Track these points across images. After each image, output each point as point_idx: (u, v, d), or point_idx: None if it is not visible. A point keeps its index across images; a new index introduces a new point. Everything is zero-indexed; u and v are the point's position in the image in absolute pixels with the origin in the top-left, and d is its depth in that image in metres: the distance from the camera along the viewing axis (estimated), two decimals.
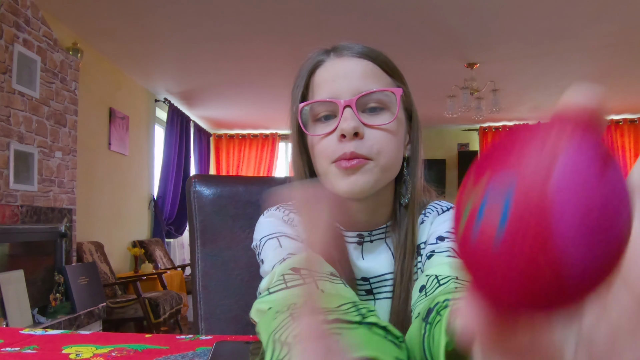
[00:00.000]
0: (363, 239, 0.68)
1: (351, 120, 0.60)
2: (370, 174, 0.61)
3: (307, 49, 0.71)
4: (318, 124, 0.65)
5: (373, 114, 0.63)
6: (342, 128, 0.60)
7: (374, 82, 0.63)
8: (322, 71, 0.65)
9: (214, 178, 0.97)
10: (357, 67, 0.64)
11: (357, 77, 0.63)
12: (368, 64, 0.64)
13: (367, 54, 0.65)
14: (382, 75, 0.65)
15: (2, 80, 2.53)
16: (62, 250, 3.11)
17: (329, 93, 0.63)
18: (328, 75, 0.64)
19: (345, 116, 0.61)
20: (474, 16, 3.38)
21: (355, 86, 0.62)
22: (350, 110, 0.61)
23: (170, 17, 3.40)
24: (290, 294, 0.47)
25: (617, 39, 3.69)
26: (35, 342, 0.51)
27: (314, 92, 0.66)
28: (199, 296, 0.89)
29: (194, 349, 0.49)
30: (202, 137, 6.56)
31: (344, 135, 0.60)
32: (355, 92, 0.62)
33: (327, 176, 0.64)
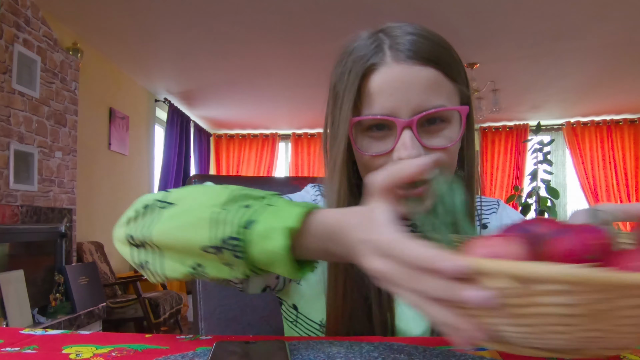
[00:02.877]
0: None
1: (411, 149, 0.54)
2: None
3: (307, 49, 0.70)
4: (367, 135, 0.58)
5: (433, 130, 0.56)
6: (400, 157, 0.54)
7: (437, 94, 0.55)
8: (377, 79, 0.56)
9: (214, 178, 0.97)
10: (418, 79, 0.55)
11: (418, 91, 0.55)
12: (431, 72, 0.55)
13: (431, 58, 0.55)
14: (445, 84, 0.56)
15: (2, 80, 2.53)
16: (62, 250, 3.11)
17: (386, 108, 0.55)
18: (384, 85, 0.55)
19: (404, 141, 0.54)
20: (474, 16, 3.38)
21: (416, 102, 0.54)
22: (409, 133, 0.54)
23: (170, 17, 3.40)
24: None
25: (617, 39, 3.69)
26: (35, 342, 0.51)
27: (367, 101, 0.57)
28: (199, 296, 0.89)
29: (194, 349, 0.49)
30: (202, 137, 6.56)
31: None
32: (416, 109, 0.54)
33: None
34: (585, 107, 5.84)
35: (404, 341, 0.51)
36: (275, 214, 0.43)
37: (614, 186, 6.22)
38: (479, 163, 0.66)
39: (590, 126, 6.35)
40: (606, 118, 6.24)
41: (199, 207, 0.47)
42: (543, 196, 6.00)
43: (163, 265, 0.49)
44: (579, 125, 6.37)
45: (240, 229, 0.43)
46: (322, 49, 3.74)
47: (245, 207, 0.45)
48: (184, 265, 0.48)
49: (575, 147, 6.37)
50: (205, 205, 0.47)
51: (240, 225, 0.43)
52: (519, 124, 6.60)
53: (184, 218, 0.48)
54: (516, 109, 5.91)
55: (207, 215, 0.45)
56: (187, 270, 0.48)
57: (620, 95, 5.34)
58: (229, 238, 0.43)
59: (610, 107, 5.85)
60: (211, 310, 0.88)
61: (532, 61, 4.20)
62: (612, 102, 5.63)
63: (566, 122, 6.41)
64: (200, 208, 0.47)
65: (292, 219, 0.42)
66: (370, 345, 0.49)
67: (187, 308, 4.47)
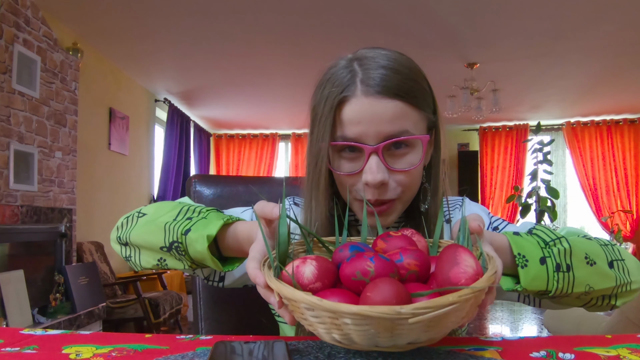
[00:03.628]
0: None
1: (377, 173, 0.61)
2: (395, 213, 0.66)
3: (307, 49, 0.70)
4: (342, 156, 0.65)
5: (398, 154, 0.63)
6: (367, 180, 0.62)
7: (402, 122, 0.62)
8: (348, 109, 0.62)
9: (214, 178, 0.97)
10: (385, 110, 0.61)
11: (384, 121, 0.61)
12: (397, 104, 0.61)
13: (399, 92, 0.62)
14: (410, 113, 0.63)
15: (2, 80, 2.53)
16: (62, 250, 3.11)
17: (355, 134, 0.62)
18: (354, 115, 0.62)
19: (371, 166, 0.61)
20: (474, 16, 3.38)
21: (382, 130, 0.61)
22: (376, 159, 0.61)
23: (170, 17, 3.40)
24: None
25: (617, 39, 3.69)
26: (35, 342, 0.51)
27: (340, 127, 0.64)
28: (199, 296, 0.89)
29: (194, 349, 0.49)
30: (202, 137, 6.56)
31: (368, 185, 0.62)
32: (382, 136, 0.61)
33: (352, 206, 0.68)
34: (585, 107, 5.84)
35: None
36: (204, 225, 0.59)
37: (614, 186, 6.22)
38: (446, 173, 0.71)
39: (590, 126, 6.35)
40: (606, 118, 6.24)
41: (159, 219, 0.64)
42: (543, 196, 6.00)
43: (139, 259, 0.67)
44: (579, 125, 6.37)
45: (180, 236, 0.60)
46: (322, 49, 3.74)
47: (187, 219, 0.62)
48: (153, 259, 0.65)
49: (575, 147, 6.37)
50: (163, 217, 0.64)
51: (180, 233, 0.60)
52: (519, 124, 6.60)
53: (149, 226, 0.65)
54: (516, 109, 5.91)
55: (163, 225, 0.62)
56: (155, 262, 0.65)
57: (620, 95, 5.34)
58: (173, 242, 0.61)
59: (610, 107, 5.85)
60: (211, 310, 0.88)
61: (532, 61, 4.20)
62: (612, 102, 5.63)
63: (566, 122, 6.41)
64: (160, 219, 0.64)
65: (213, 229, 0.57)
66: None
67: (187, 308, 4.47)
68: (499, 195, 6.63)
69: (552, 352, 0.46)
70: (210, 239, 0.57)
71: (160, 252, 0.63)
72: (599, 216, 6.20)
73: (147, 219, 0.66)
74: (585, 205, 6.35)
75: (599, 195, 6.26)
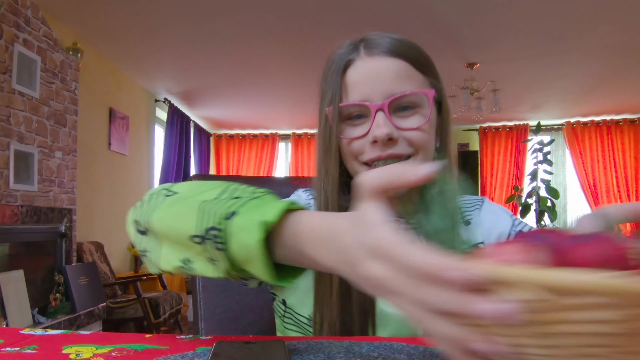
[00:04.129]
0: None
1: (384, 127, 0.60)
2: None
3: (307, 49, 0.71)
4: (348, 124, 0.64)
5: (405, 115, 0.62)
6: (375, 135, 0.60)
7: (406, 82, 0.62)
8: (353, 71, 0.63)
9: (214, 178, 0.97)
10: (388, 68, 0.62)
11: (389, 79, 0.61)
12: (400, 63, 0.62)
13: (399, 52, 0.63)
14: (414, 75, 0.63)
15: (2, 80, 2.53)
16: (62, 250, 3.11)
17: (361, 95, 0.62)
18: (359, 76, 0.63)
19: (378, 121, 0.60)
20: (473, 16, 3.38)
21: (387, 88, 0.61)
22: (382, 115, 0.61)
23: (170, 17, 3.40)
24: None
25: (617, 39, 3.69)
26: (35, 342, 0.51)
27: (345, 92, 0.64)
28: (199, 296, 0.89)
29: (194, 349, 0.49)
30: (202, 137, 6.56)
31: (377, 141, 0.60)
32: (387, 94, 0.61)
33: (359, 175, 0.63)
34: (585, 107, 5.84)
35: (404, 341, 0.51)
36: (257, 207, 0.41)
37: (614, 186, 6.22)
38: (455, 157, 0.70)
39: (590, 126, 6.35)
40: (606, 118, 6.24)
41: (193, 197, 0.47)
42: (543, 196, 6.00)
43: (160, 256, 0.49)
44: (579, 125, 6.37)
45: (221, 220, 0.41)
46: (322, 49, 3.71)
47: (233, 199, 0.44)
48: (176, 259, 0.47)
49: (575, 147, 6.37)
50: (199, 196, 0.47)
51: (222, 216, 0.42)
52: (519, 124, 6.60)
53: (179, 206, 0.47)
54: (516, 109, 5.91)
55: (197, 205, 0.44)
56: (178, 264, 0.47)
57: (620, 95, 5.34)
58: (211, 228, 0.42)
59: (610, 107, 5.85)
60: (211, 310, 0.88)
61: (532, 61, 4.20)
62: (612, 102, 5.63)
63: (566, 122, 6.41)
64: (194, 198, 0.47)
65: (271, 213, 0.40)
66: (370, 346, 0.49)
67: (187, 308, 4.47)
68: (499, 195, 6.63)
69: None
70: (267, 227, 0.39)
71: (189, 246, 0.45)
72: None
73: (177, 197, 0.49)
74: (585, 206, 6.35)
75: (599, 195, 6.26)
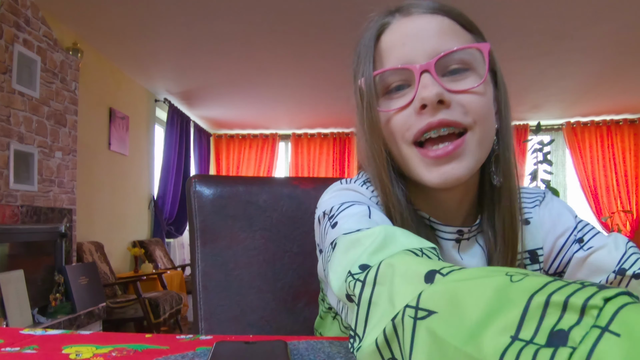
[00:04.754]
0: (462, 236, 0.58)
1: (432, 87, 0.49)
2: (470, 156, 0.51)
3: (307, 49, 0.70)
4: (389, 98, 0.54)
5: (456, 78, 0.52)
6: (422, 97, 0.50)
7: (452, 39, 0.53)
8: (389, 35, 0.55)
9: (214, 178, 0.97)
10: (430, 25, 0.53)
11: (432, 35, 0.52)
12: (443, 19, 0.54)
13: (440, 8, 0.55)
14: (460, 32, 0.55)
15: (2, 80, 2.53)
16: (62, 250, 3.11)
17: (400, 59, 0.52)
18: (396, 38, 0.54)
19: (425, 82, 0.50)
20: (474, 16, 3.37)
21: (431, 47, 0.52)
22: (428, 76, 0.50)
23: (170, 17, 3.40)
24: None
25: (617, 39, 3.69)
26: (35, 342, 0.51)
27: (382, 60, 0.54)
28: (199, 296, 0.89)
29: (194, 349, 0.49)
30: (202, 137, 6.56)
31: (425, 105, 0.50)
32: (433, 53, 0.51)
33: (408, 163, 0.53)
34: (585, 107, 5.84)
35: None
36: None
37: (614, 186, 6.22)
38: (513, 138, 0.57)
39: (590, 126, 6.35)
40: (606, 118, 6.24)
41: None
42: None
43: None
44: (579, 125, 6.37)
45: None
46: (322, 49, 3.74)
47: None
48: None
49: (575, 147, 6.37)
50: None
51: None
52: (519, 124, 6.60)
53: None
54: (516, 109, 5.91)
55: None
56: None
57: (620, 95, 5.34)
58: None
59: (610, 107, 5.84)
60: (211, 310, 0.88)
61: (532, 61, 4.20)
62: (612, 102, 5.63)
63: (566, 122, 6.41)
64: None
65: None
66: None
67: (187, 308, 4.47)
68: None
69: None
70: None
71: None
72: (599, 216, 6.20)
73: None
74: (585, 205, 6.34)
75: (599, 195, 6.26)
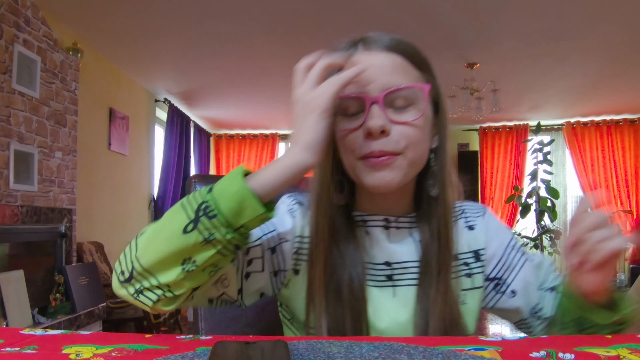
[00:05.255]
0: (389, 224, 0.69)
1: (378, 119, 0.60)
2: (399, 170, 0.62)
3: (307, 49, 0.70)
4: (345, 118, 0.64)
5: (400, 110, 0.63)
6: (368, 126, 0.61)
7: (402, 77, 0.63)
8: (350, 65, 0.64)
9: (214, 178, 0.97)
10: (385, 62, 0.63)
11: (385, 72, 0.62)
12: (396, 58, 0.64)
13: (396, 47, 0.64)
14: (410, 70, 0.64)
15: (2, 80, 2.53)
16: (62, 251, 3.11)
17: (357, 88, 0.62)
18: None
19: (372, 113, 0.61)
20: (473, 16, 3.38)
21: (382, 82, 0.62)
22: (377, 107, 0.61)
23: (170, 17, 3.40)
24: None
25: (617, 39, 3.69)
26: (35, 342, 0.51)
27: None
28: None
29: (194, 349, 0.49)
30: (202, 137, 6.56)
31: (371, 133, 0.61)
32: (383, 87, 0.61)
33: (354, 170, 0.65)
34: (585, 107, 5.84)
35: (404, 341, 0.51)
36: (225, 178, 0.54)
37: (614, 186, 6.22)
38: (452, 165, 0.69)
39: (590, 126, 6.35)
40: (606, 118, 6.24)
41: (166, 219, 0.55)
42: (543, 196, 5.99)
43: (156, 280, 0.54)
44: (579, 125, 6.37)
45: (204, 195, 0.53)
46: (322, 49, 3.72)
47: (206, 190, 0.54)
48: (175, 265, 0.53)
49: (575, 147, 6.37)
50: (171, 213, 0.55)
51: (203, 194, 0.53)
52: (519, 124, 6.60)
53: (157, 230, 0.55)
54: (516, 109, 5.91)
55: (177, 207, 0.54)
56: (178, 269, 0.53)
57: (620, 95, 5.34)
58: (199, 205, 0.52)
59: (610, 107, 5.84)
60: (211, 310, 0.88)
61: (532, 61, 4.20)
62: (612, 102, 5.63)
63: (566, 122, 6.41)
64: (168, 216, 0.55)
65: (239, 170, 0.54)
66: (370, 346, 0.49)
67: (187, 308, 4.47)
68: (499, 195, 6.63)
69: (552, 352, 0.46)
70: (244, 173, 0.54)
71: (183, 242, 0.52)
72: None
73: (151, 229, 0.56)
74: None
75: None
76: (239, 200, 0.52)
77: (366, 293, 0.65)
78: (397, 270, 0.68)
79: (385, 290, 0.67)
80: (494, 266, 0.72)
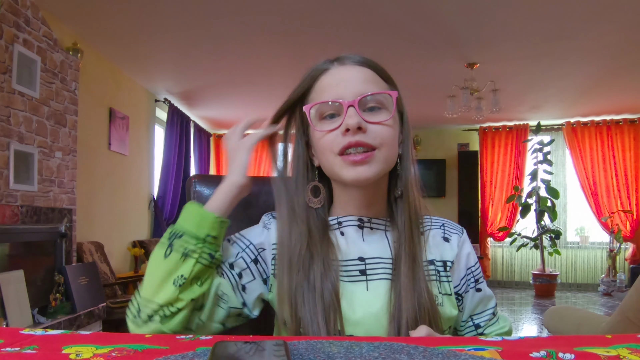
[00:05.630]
0: (363, 223, 0.78)
1: (355, 117, 0.70)
2: (376, 164, 0.71)
3: (307, 49, 0.72)
4: (323, 122, 0.74)
5: (372, 113, 0.73)
6: (347, 123, 0.70)
7: (372, 85, 0.74)
8: (327, 77, 0.75)
9: (214, 178, 0.97)
10: (358, 74, 0.74)
11: (358, 82, 0.73)
12: (367, 71, 0.75)
13: (366, 62, 0.76)
14: (379, 81, 0.76)
15: (2, 80, 2.53)
16: (62, 251, 3.11)
17: (334, 96, 0.73)
18: (333, 80, 0.74)
19: (350, 114, 0.70)
20: (473, 16, 3.38)
21: (357, 89, 0.72)
22: (353, 109, 0.70)
23: (170, 17, 3.40)
24: None
25: (617, 39, 3.69)
26: (35, 342, 0.51)
27: (319, 95, 0.75)
28: None
29: (194, 349, 0.49)
30: (202, 137, 6.56)
31: (349, 129, 0.70)
32: (357, 94, 0.71)
33: (333, 168, 0.73)
34: (585, 107, 5.84)
35: (404, 341, 0.51)
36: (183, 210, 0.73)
37: (614, 186, 6.22)
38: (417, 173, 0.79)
39: (590, 126, 6.35)
40: (606, 118, 6.24)
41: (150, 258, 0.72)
42: (543, 196, 6.00)
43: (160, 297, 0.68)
44: (579, 125, 6.37)
45: (171, 227, 0.71)
46: (322, 49, 3.73)
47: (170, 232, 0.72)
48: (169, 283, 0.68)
49: (575, 147, 6.37)
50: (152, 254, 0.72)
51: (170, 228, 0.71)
52: (519, 124, 6.60)
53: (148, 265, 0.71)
54: (516, 109, 5.91)
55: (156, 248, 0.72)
56: (172, 287, 0.67)
57: (620, 95, 5.34)
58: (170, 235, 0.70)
59: (610, 107, 5.84)
60: None
61: (532, 61, 4.20)
62: (612, 102, 5.63)
63: (566, 122, 6.41)
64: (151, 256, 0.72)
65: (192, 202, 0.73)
66: (370, 345, 0.49)
67: None
68: (499, 195, 6.63)
69: (552, 352, 0.46)
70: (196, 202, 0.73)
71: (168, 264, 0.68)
72: (599, 216, 6.20)
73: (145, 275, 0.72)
74: (585, 205, 6.34)
75: (599, 195, 6.26)
76: (197, 216, 0.70)
77: (339, 288, 0.71)
78: (370, 265, 0.74)
79: (359, 285, 0.73)
80: (457, 283, 0.79)
